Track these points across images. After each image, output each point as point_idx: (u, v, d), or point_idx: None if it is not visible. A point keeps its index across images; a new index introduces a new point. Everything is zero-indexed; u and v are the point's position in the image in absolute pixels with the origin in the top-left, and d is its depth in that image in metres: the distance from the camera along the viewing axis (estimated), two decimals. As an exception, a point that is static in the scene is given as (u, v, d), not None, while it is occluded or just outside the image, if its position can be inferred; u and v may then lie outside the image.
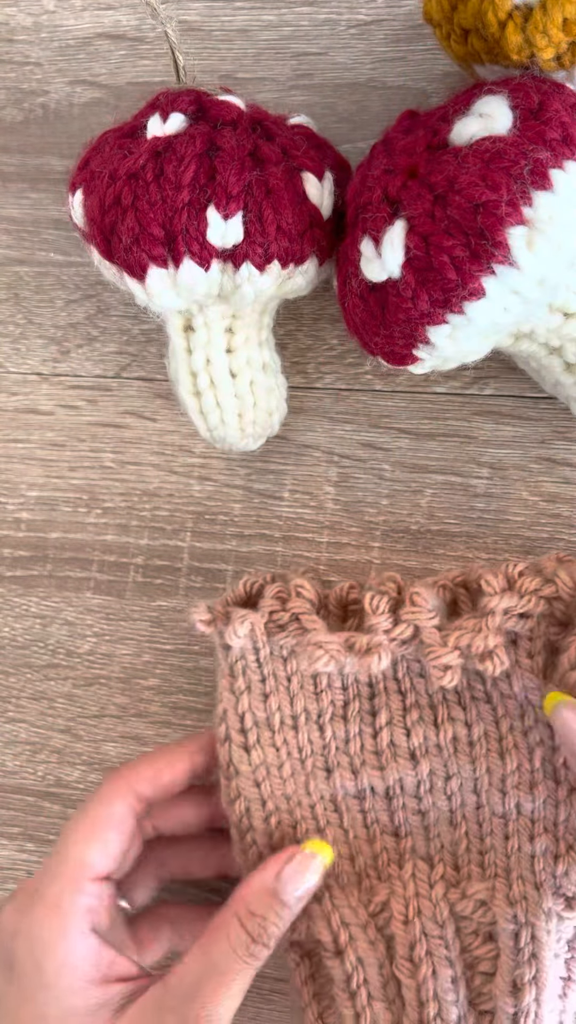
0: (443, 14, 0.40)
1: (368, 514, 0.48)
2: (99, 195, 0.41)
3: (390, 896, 0.42)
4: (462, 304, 0.37)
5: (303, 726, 0.44)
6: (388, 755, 0.43)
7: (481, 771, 0.43)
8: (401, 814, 0.43)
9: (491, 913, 0.41)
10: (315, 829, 0.43)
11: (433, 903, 0.42)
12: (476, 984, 0.41)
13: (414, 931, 0.41)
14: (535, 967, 0.40)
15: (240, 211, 0.40)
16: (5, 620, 0.51)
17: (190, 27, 0.49)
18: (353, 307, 0.41)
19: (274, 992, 0.48)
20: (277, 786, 0.44)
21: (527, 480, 0.47)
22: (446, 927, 0.41)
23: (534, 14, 0.37)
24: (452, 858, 0.43)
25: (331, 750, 0.44)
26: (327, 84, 0.48)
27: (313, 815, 0.43)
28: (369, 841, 0.43)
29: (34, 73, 0.51)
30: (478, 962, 0.41)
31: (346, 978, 0.41)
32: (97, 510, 0.50)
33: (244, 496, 0.49)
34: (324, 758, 0.44)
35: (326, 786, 0.44)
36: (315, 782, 0.44)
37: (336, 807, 0.44)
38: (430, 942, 0.41)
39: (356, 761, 0.44)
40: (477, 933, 0.42)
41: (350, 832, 0.43)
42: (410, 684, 0.44)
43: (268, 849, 0.43)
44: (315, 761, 0.44)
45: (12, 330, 0.51)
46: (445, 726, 0.43)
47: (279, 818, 0.43)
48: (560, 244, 0.37)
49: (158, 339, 0.50)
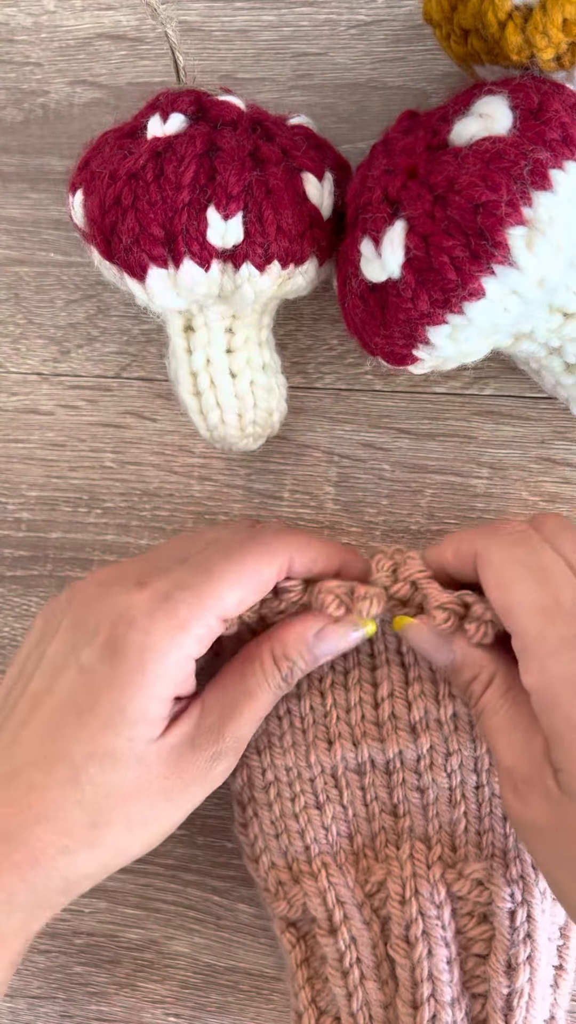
0: (443, 14, 0.40)
1: (368, 514, 0.48)
2: (99, 195, 0.41)
3: (387, 876, 0.43)
4: (462, 304, 0.37)
5: (305, 692, 0.45)
6: (389, 727, 0.44)
7: (481, 750, 0.43)
8: (400, 791, 0.44)
9: (487, 893, 0.42)
10: (314, 804, 0.44)
11: (431, 884, 0.42)
12: (469, 967, 0.42)
13: (410, 911, 0.42)
14: (530, 947, 0.41)
15: (240, 211, 0.40)
16: (5, 620, 0.51)
17: (190, 27, 0.49)
18: (353, 307, 0.41)
19: (274, 992, 0.48)
20: (278, 756, 0.44)
21: (527, 480, 0.47)
22: (443, 908, 0.42)
23: (534, 14, 0.37)
24: (450, 838, 0.43)
25: (332, 719, 0.44)
26: (327, 84, 0.48)
27: (313, 789, 0.44)
28: (368, 819, 0.44)
29: (34, 73, 0.51)
30: (472, 944, 0.42)
31: (339, 956, 0.42)
32: (97, 510, 0.50)
33: (244, 496, 0.49)
34: (325, 728, 0.44)
35: (327, 757, 0.44)
36: (316, 753, 0.44)
37: (336, 782, 0.44)
38: (427, 922, 0.42)
39: (357, 732, 0.44)
40: (472, 914, 0.42)
41: (349, 810, 0.44)
42: (413, 659, 0.44)
43: (269, 823, 0.44)
44: (316, 731, 0.44)
45: (12, 330, 0.51)
46: (446, 702, 0.44)
47: (279, 790, 0.44)
48: (560, 244, 0.37)
49: (158, 339, 0.50)
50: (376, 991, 0.42)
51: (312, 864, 0.44)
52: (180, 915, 0.49)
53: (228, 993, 0.48)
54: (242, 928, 0.48)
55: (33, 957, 0.50)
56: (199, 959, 0.48)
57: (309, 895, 0.43)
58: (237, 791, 0.45)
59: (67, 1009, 0.49)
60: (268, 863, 0.44)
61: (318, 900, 0.43)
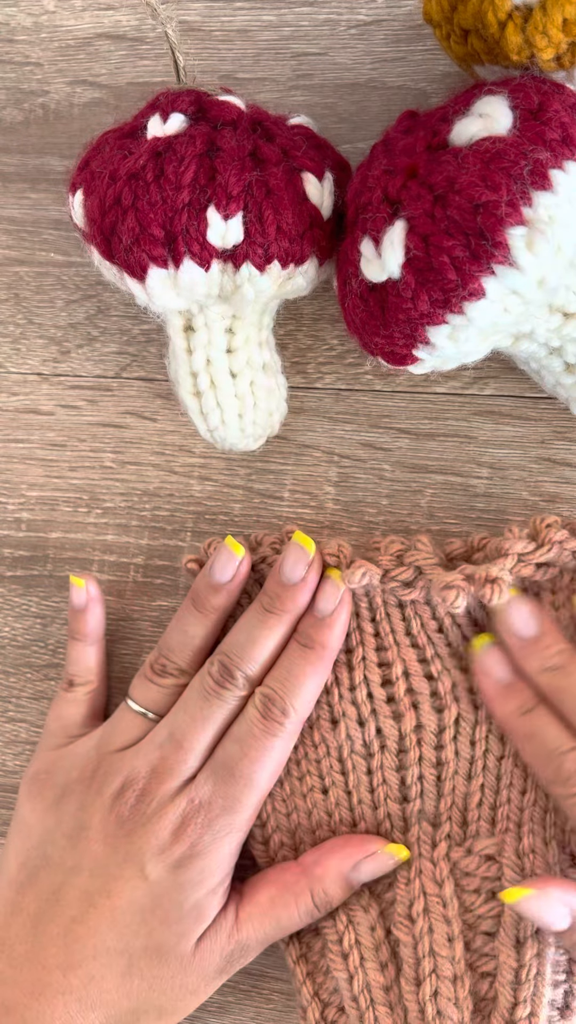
0: (443, 14, 0.40)
1: (368, 514, 0.48)
2: (99, 195, 0.41)
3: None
4: (462, 304, 0.37)
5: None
6: (407, 702, 0.44)
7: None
8: (416, 769, 0.44)
9: (496, 867, 0.42)
10: (320, 789, 0.44)
11: (433, 863, 0.43)
12: (477, 944, 0.42)
13: (414, 889, 0.42)
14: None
15: (240, 211, 0.40)
16: (5, 620, 0.51)
17: (190, 27, 0.49)
18: (353, 307, 0.41)
19: (274, 992, 0.48)
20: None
21: (527, 480, 0.47)
22: (444, 886, 0.42)
23: (534, 14, 0.37)
24: (461, 815, 0.44)
25: (335, 697, 0.45)
26: (327, 84, 0.48)
27: (319, 771, 0.44)
28: (373, 807, 0.44)
29: (34, 73, 0.51)
30: (480, 921, 0.42)
31: (338, 939, 0.43)
32: (97, 510, 0.50)
33: (244, 496, 0.49)
34: (329, 706, 0.45)
35: (332, 737, 0.44)
36: (320, 732, 0.45)
37: (343, 766, 0.44)
38: (428, 899, 0.42)
39: (364, 710, 0.44)
40: (479, 891, 0.43)
41: (354, 795, 0.44)
42: (427, 639, 0.44)
43: (280, 802, 0.45)
44: (319, 711, 0.45)
45: (12, 330, 0.51)
46: (472, 671, 0.44)
47: (288, 768, 0.45)
48: (560, 244, 0.37)
49: (158, 339, 0.50)
50: (376, 972, 0.42)
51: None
52: (180, 915, 0.49)
53: (228, 993, 0.48)
54: (242, 928, 0.48)
55: (33, 957, 0.50)
56: (199, 959, 0.48)
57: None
58: None
59: (67, 1009, 0.49)
60: (278, 842, 0.45)
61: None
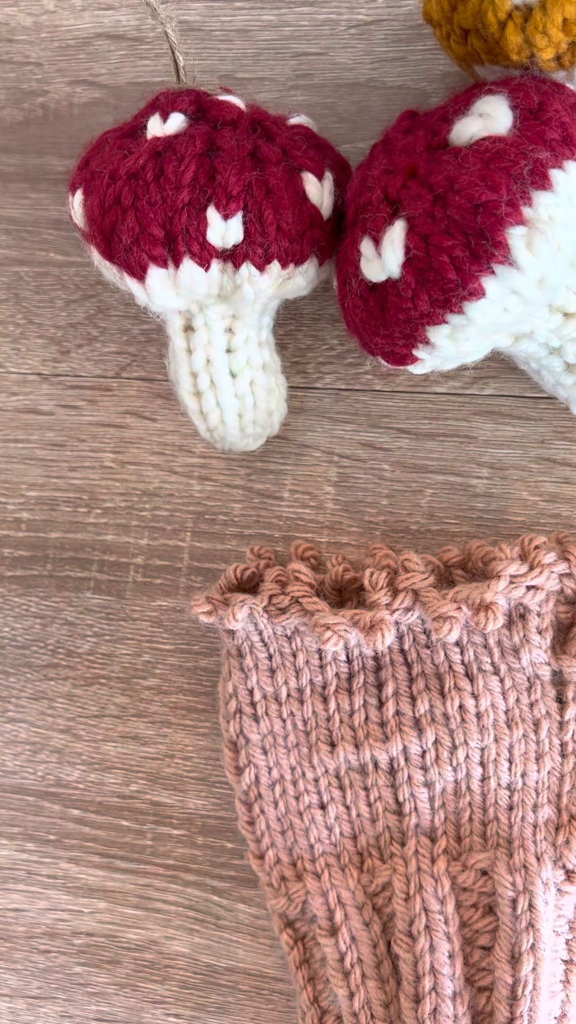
0: (443, 14, 0.40)
1: (368, 514, 0.48)
2: (99, 195, 0.41)
3: (392, 876, 0.43)
4: (462, 304, 0.37)
5: (308, 698, 0.45)
6: (393, 725, 0.44)
7: (488, 740, 0.43)
8: (407, 788, 0.44)
9: (491, 883, 0.42)
10: (318, 804, 0.44)
11: (435, 879, 0.42)
12: (475, 959, 0.42)
13: (414, 907, 0.42)
14: (532, 936, 0.41)
15: (240, 211, 0.40)
16: (5, 620, 0.51)
17: (190, 27, 0.49)
18: (353, 307, 0.41)
19: (274, 992, 0.48)
20: (282, 755, 0.45)
21: (527, 480, 0.47)
22: (446, 903, 0.42)
23: (534, 14, 0.37)
24: (455, 829, 0.43)
25: (335, 722, 0.44)
26: (327, 84, 0.48)
27: (317, 789, 0.44)
28: (372, 819, 0.44)
29: (34, 73, 0.51)
30: (477, 936, 0.42)
31: (340, 957, 0.43)
32: (97, 510, 0.50)
33: (244, 496, 0.49)
34: (328, 731, 0.44)
35: (330, 759, 0.44)
36: (319, 755, 0.44)
37: (340, 782, 0.44)
38: (429, 917, 0.42)
39: (360, 733, 0.44)
40: (477, 906, 0.43)
41: (352, 810, 0.44)
42: (416, 655, 0.44)
43: (275, 820, 0.45)
44: (319, 734, 0.45)
45: (12, 330, 0.51)
46: (452, 695, 0.44)
47: (283, 787, 0.45)
48: (560, 244, 0.37)
49: (158, 339, 0.50)
50: (377, 990, 0.42)
51: (316, 863, 0.44)
52: (180, 915, 0.49)
53: (228, 993, 0.48)
54: (242, 928, 0.48)
55: (33, 957, 0.50)
56: (199, 959, 0.48)
57: (312, 893, 0.43)
58: (243, 790, 0.45)
59: (67, 1009, 0.49)
60: (274, 858, 0.45)
61: (320, 900, 0.43)
